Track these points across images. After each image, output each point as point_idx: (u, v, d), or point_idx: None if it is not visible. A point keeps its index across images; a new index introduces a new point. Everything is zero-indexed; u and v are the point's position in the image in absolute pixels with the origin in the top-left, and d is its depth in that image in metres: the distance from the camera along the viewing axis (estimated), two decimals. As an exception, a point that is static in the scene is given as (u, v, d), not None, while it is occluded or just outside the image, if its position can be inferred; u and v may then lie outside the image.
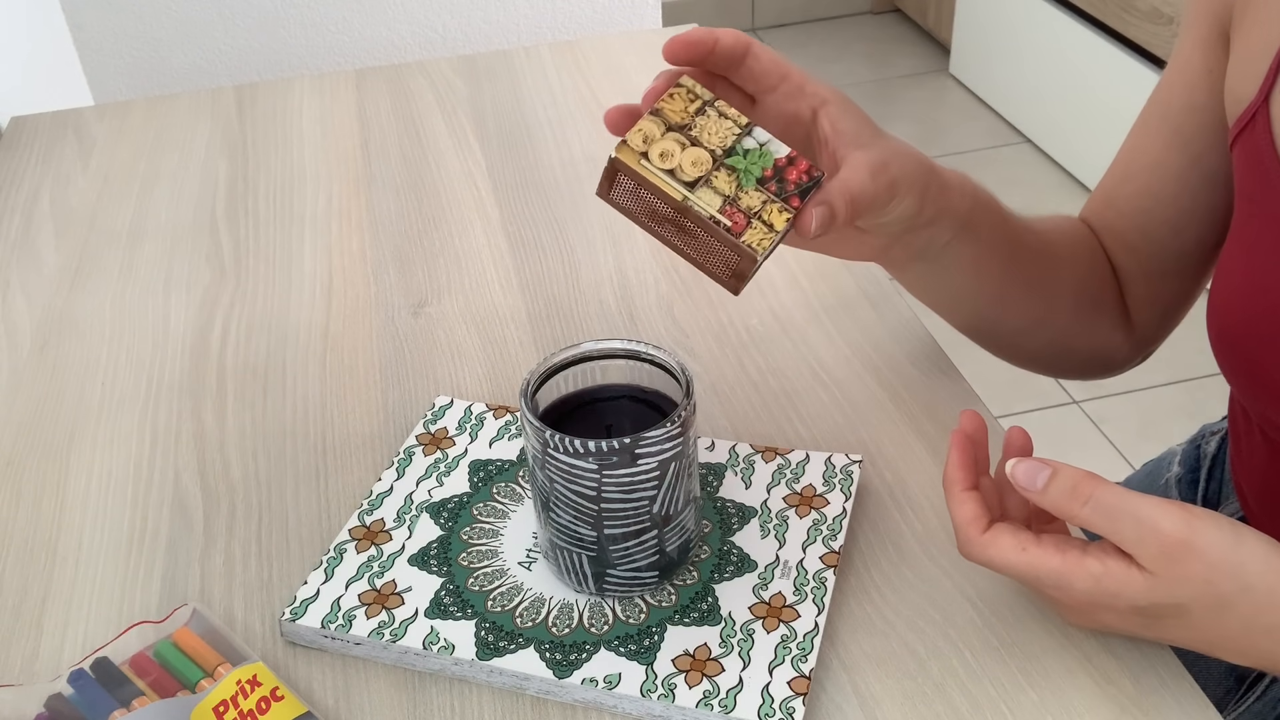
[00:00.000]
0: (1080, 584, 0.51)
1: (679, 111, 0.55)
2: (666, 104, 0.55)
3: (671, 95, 0.56)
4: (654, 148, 0.54)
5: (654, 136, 0.54)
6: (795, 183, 0.57)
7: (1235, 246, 0.68)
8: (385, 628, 0.58)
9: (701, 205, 0.54)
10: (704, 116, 0.55)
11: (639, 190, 0.54)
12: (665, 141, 0.54)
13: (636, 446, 0.54)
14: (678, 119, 0.55)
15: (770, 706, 0.54)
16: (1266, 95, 0.65)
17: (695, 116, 0.55)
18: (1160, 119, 0.76)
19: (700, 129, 0.55)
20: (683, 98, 0.55)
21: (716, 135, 0.55)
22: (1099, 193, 0.82)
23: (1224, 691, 0.75)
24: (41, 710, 0.56)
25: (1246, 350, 0.66)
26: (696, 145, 0.54)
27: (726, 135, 0.55)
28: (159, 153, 1.07)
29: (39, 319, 0.86)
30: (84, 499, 0.70)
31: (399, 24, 1.51)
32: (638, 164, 0.53)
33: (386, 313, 0.84)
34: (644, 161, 0.53)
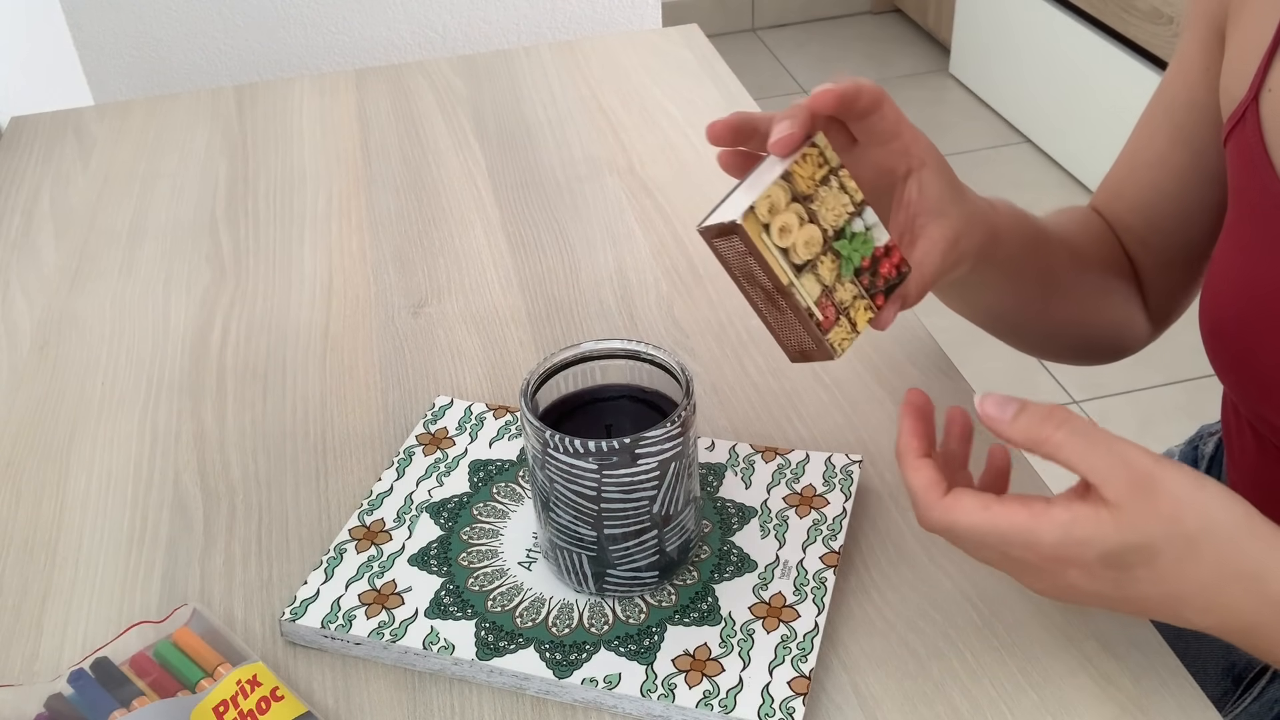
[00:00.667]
0: (1049, 535, 0.49)
1: (807, 178, 0.54)
2: (798, 168, 0.54)
3: (804, 157, 0.54)
4: (776, 220, 0.53)
5: (780, 207, 0.53)
6: (885, 278, 0.57)
7: (1226, 243, 0.69)
8: (385, 628, 0.58)
9: (803, 295, 0.54)
10: (827, 187, 0.54)
11: (747, 255, 0.54)
12: (787, 214, 0.53)
13: (636, 446, 0.54)
14: (804, 187, 0.54)
15: (770, 706, 0.54)
16: (1256, 93, 0.66)
17: (820, 186, 0.54)
18: (1163, 116, 0.77)
19: (820, 202, 0.54)
20: (814, 161, 0.54)
21: (832, 212, 0.54)
22: (1107, 185, 0.82)
23: (1221, 693, 0.75)
24: (41, 710, 0.56)
25: (1238, 345, 0.67)
26: (813, 222, 0.54)
27: (841, 213, 0.55)
28: (159, 153, 1.07)
29: (39, 319, 0.86)
30: (84, 499, 0.70)
31: (399, 24, 1.51)
32: (758, 237, 0.52)
33: (386, 313, 0.84)
34: (764, 235, 0.52)
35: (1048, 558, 0.50)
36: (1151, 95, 0.80)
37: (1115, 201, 0.81)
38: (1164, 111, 0.77)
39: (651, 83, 1.14)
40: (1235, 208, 0.69)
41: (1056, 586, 0.52)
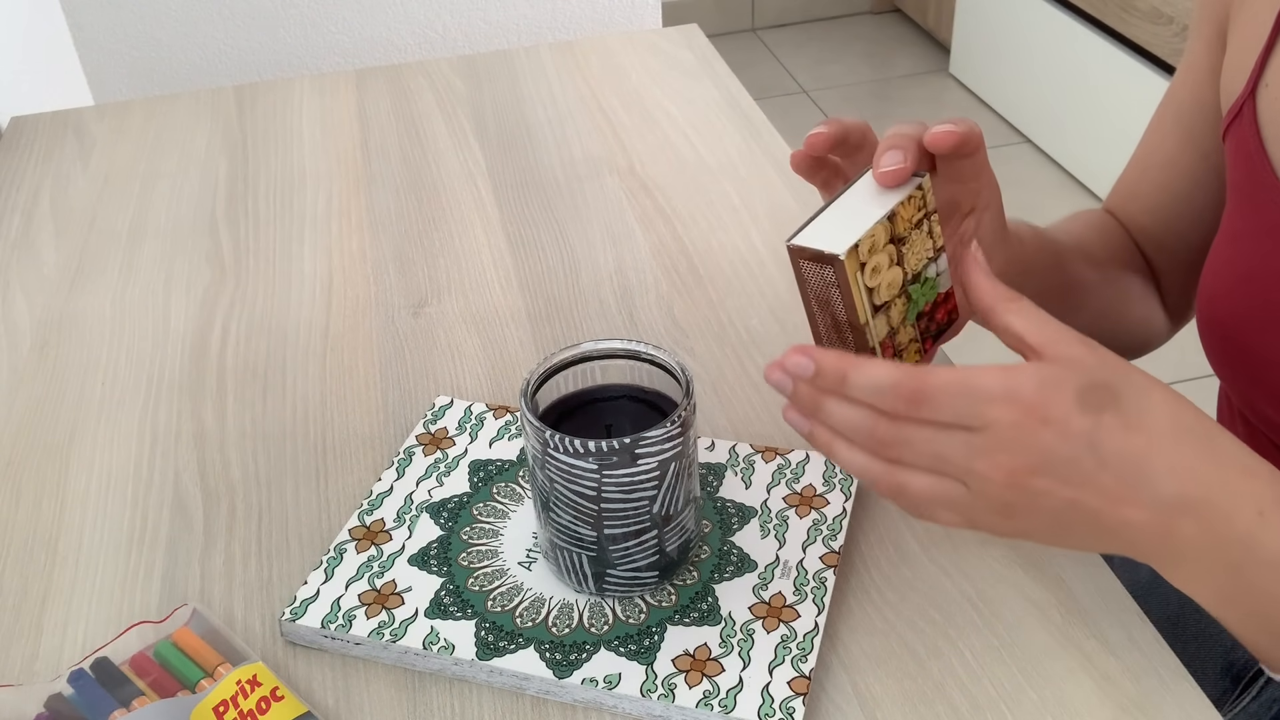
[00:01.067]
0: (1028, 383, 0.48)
1: (907, 220, 0.54)
2: (903, 209, 0.54)
3: (909, 199, 0.54)
4: (872, 260, 0.52)
5: (878, 247, 0.53)
6: (938, 323, 0.58)
7: (1223, 235, 0.70)
8: (385, 628, 0.58)
9: (873, 335, 0.54)
10: (919, 230, 0.54)
11: (834, 286, 0.53)
12: (882, 255, 0.53)
13: (636, 446, 0.54)
14: (901, 229, 0.54)
15: (770, 706, 0.54)
16: (1253, 88, 0.67)
17: (914, 229, 0.54)
18: (1173, 118, 0.78)
19: (910, 245, 0.54)
20: (916, 204, 0.54)
21: (916, 257, 0.54)
22: (1120, 188, 0.83)
23: (1220, 692, 0.75)
24: (41, 710, 0.56)
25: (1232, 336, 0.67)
26: (899, 265, 0.53)
27: (922, 258, 0.55)
28: (159, 153, 1.07)
29: (39, 319, 0.86)
30: (84, 499, 0.70)
31: (399, 24, 1.51)
32: (854, 274, 0.52)
33: (386, 313, 0.84)
34: (859, 274, 0.52)
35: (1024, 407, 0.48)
36: (1161, 98, 0.80)
37: (1129, 204, 0.82)
38: (1173, 114, 0.78)
39: (651, 83, 1.14)
40: (1232, 201, 0.69)
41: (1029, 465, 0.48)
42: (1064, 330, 0.51)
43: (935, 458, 0.49)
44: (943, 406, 0.48)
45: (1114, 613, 0.59)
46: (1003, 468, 0.48)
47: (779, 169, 0.99)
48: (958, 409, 0.48)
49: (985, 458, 0.48)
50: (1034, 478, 0.48)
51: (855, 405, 0.50)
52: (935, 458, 0.49)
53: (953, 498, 0.50)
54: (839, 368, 0.49)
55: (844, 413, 0.51)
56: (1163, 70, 2.32)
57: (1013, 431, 0.48)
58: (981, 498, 0.49)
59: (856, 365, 0.49)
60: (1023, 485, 0.48)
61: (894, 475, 0.50)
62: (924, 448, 0.49)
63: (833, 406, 0.51)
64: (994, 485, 0.49)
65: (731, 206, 0.94)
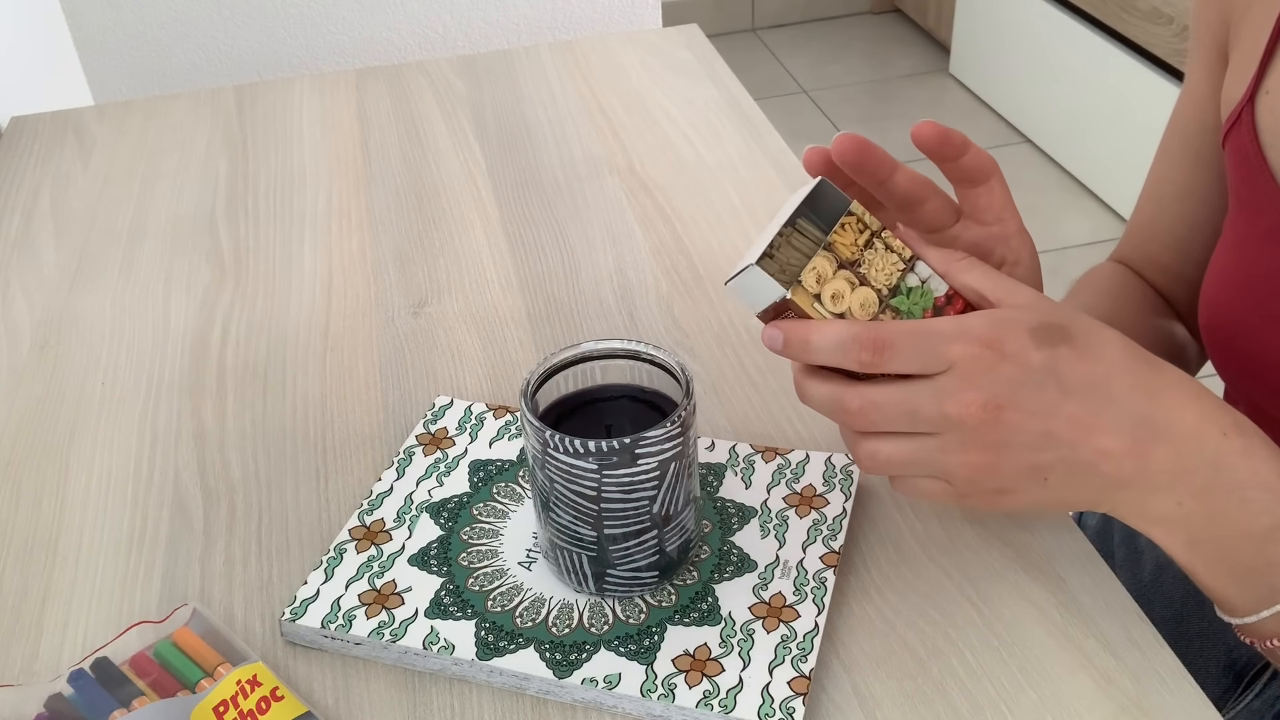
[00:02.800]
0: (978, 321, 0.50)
1: (849, 245, 0.54)
2: (838, 237, 0.54)
3: (843, 226, 0.54)
4: (826, 289, 0.53)
5: (827, 276, 0.53)
6: None
7: (1224, 243, 0.70)
8: (385, 628, 0.58)
9: None
10: (872, 250, 0.54)
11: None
12: (837, 281, 0.53)
13: (636, 446, 0.54)
14: (848, 254, 0.54)
15: (770, 706, 0.54)
16: (1252, 95, 0.67)
17: (864, 250, 0.54)
18: (1181, 145, 0.78)
19: (869, 264, 0.54)
20: (853, 228, 0.54)
21: (883, 272, 0.54)
22: (1136, 230, 0.83)
23: (1222, 690, 0.75)
24: (41, 710, 0.56)
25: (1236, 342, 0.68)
26: (865, 284, 0.53)
27: (892, 272, 0.54)
28: (159, 153, 1.07)
29: (39, 319, 0.86)
30: (84, 499, 0.70)
31: (399, 24, 1.51)
32: (810, 307, 0.52)
33: (386, 313, 0.84)
34: (817, 305, 0.52)
35: (981, 341, 0.50)
36: (1164, 129, 0.80)
37: (1148, 244, 0.82)
38: (1181, 141, 0.78)
39: (651, 83, 1.14)
40: (1231, 206, 0.70)
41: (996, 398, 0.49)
42: (1017, 284, 0.53)
43: (907, 415, 0.51)
44: (904, 350, 0.50)
45: (1114, 613, 0.59)
46: (972, 404, 0.49)
47: (779, 169, 0.99)
48: (919, 352, 0.50)
49: (953, 398, 0.50)
50: (1003, 411, 0.49)
51: (826, 380, 0.52)
52: (907, 415, 0.51)
53: (930, 457, 0.51)
54: (802, 334, 0.51)
55: (816, 390, 0.53)
56: (1162, 70, 2.32)
57: (974, 366, 0.50)
58: (958, 451, 0.51)
59: (816, 327, 0.51)
60: (993, 421, 0.50)
61: (868, 442, 0.52)
62: (894, 406, 0.51)
63: (809, 387, 0.53)
64: (966, 427, 0.50)
65: (731, 206, 0.94)
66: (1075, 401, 0.50)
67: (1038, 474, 0.51)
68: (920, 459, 0.52)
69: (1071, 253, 2.47)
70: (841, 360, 0.51)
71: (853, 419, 0.52)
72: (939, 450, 0.51)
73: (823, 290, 0.53)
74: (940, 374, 0.50)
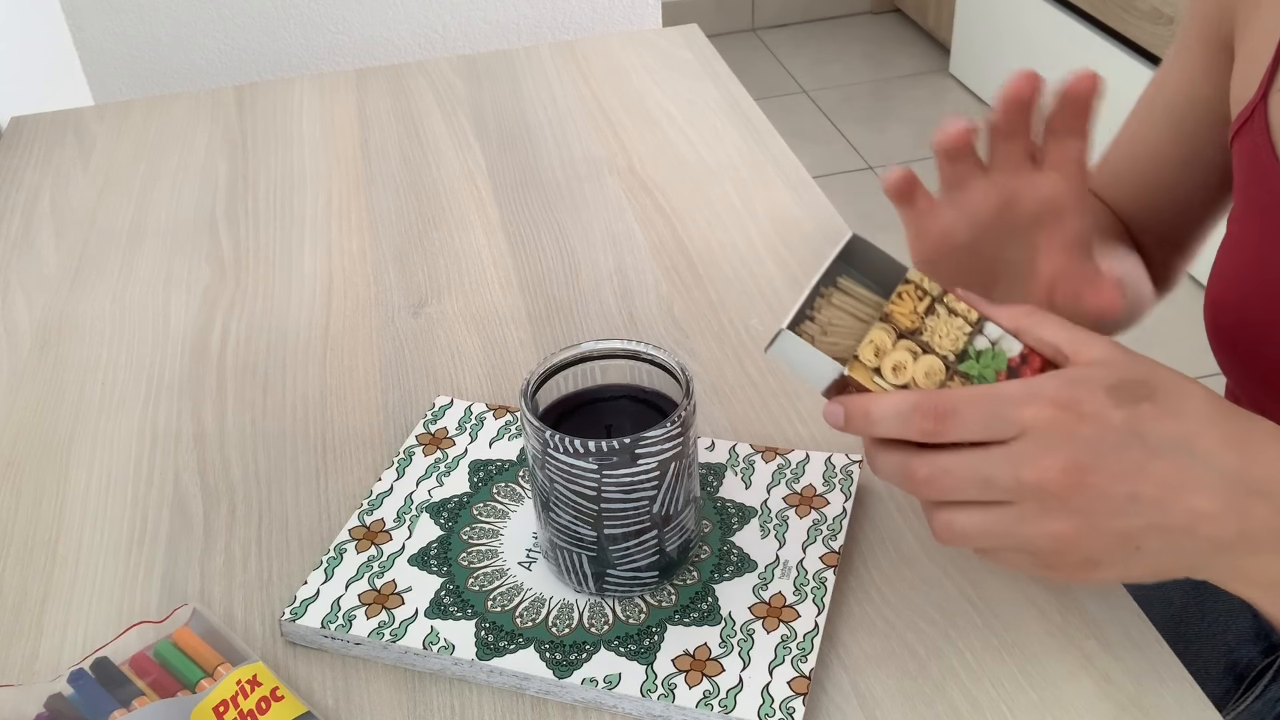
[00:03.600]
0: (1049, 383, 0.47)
1: (908, 314, 0.51)
2: (895, 307, 0.51)
3: (900, 295, 0.52)
4: (886, 361, 0.50)
5: (886, 348, 0.50)
6: None
7: (1231, 241, 0.69)
8: (385, 628, 0.58)
9: None
10: (934, 316, 0.51)
11: None
12: (898, 353, 0.50)
13: (636, 446, 0.54)
14: (908, 323, 0.51)
15: (770, 706, 0.54)
16: (1264, 94, 0.67)
17: (925, 317, 0.51)
18: (1163, 112, 0.78)
19: (931, 332, 0.51)
20: (911, 296, 0.52)
21: (948, 338, 0.51)
22: (1106, 171, 0.84)
23: (1223, 691, 0.75)
24: (41, 710, 0.56)
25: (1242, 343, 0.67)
26: (929, 353, 0.51)
27: (958, 336, 0.51)
28: (159, 153, 1.07)
29: (39, 319, 0.86)
30: (84, 499, 0.70)
31: (399, 24, 1.51)
32: (871, 381, 0.50)
33: (386, 313, 0.84)
34: (877, 379, 0.50)
35: (1056, 403, 0.47)
36: (1146, 89, 0.81)
37: (1114, 189, 0.83)
38: (1164, 108, 0.78)
39: (651, 83, 1.14)
40: (1239, 205, 0.69)
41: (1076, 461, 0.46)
42: (1092, 335, 0.50)
43: (981, 482, 0.47)
44: (969, 417, 0.47)
45: (1114, 613, 0.59)
46: (1050, 469, 0.46)
47: (779, 169, 0.99)
48: (986, 419, 0.47)
49: (1029, 463, 0.46)
50: (1084, 475, 0.46)
51: (894, 450, 0.49)
52: (981, 482, 0.47)
53: (1010, 528, 0.48)
54: (862, 407, 0.49)
55: (885, 460, 0.50)
56: (1163, 70, 2.32)
57: (1050, 429, 0.46)
58: (1039, 520, 0.47)
59: (876, 399, 0.48)
60: (1075, 485, 0.46)
61: (944, 512, 0.49)
62: (966, 474, 0.47)
63: (879, 458, 0.50)
64: (1046, 494, 0.46)
65: (731, 206, 0.94)
66: (1162, 461, 0.46)
67: (1128, 542, 0.47)
68: (999, 530, 0.48)
69: (1071, 253, 2.46)
70: (903, 431, 0.48)
71: (922, 488, 0.48)
72: (1018, 520, 0.47)
73: (882, 363, 0.50)
74: (1014, 439, 0.47)
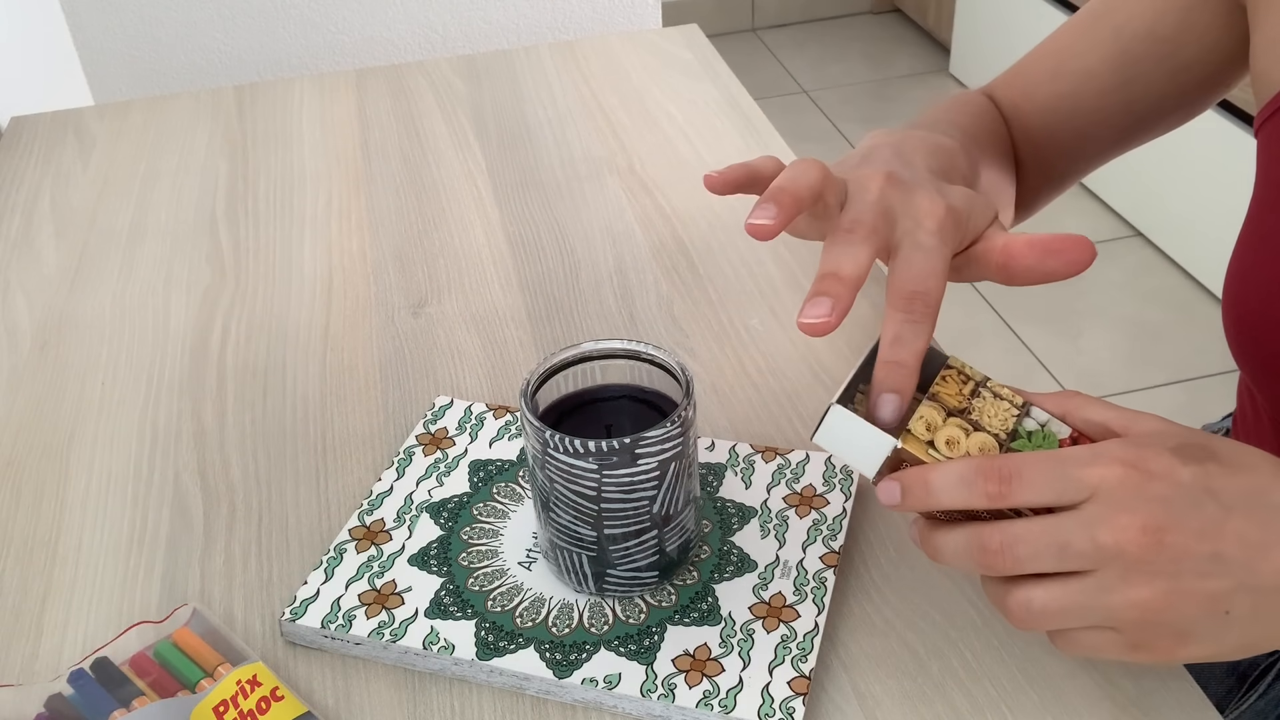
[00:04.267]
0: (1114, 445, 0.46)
1: (954, 395, 0.51)
2: (941, 388, 0.51)
3: (944, 379, 0.52)
4: (939, 435, 0.49)
5: (937, 424, 0.50)
6: None
7: (1251, 233, 0.67)
8: (385, 628, 0.58)
9: None
10: (979, 399, 0.51)
11: None
12: (949, 428, 0.50)
13: (636, 446, 0.54)
14: (955, 403, 0.51)
15: (770, 706, 0.54)
16: None
17: (971, 399, 0.51)
18: (1110, 34, 0.75)
19: (979, 412, 0.51)
20: (955, 380, 0.52)
21: (997, 418, 0.51)
22: (1019, 82, 0.80)
23: (1225, 691, 0.75)
24: (41, 710, 0.56)
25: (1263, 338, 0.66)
26: (980, 430, 0.50)
27: (1006, 418, 0.51)
28: (159, 153, 1.07)
29: (39, 319, 0.86)
30: (84, 499, 0.70)
31: (399, 24, 1.51)
32: (926, 454, 0.49)
33: (386, 313, 0.84)
34: (931, 451, 0.49)
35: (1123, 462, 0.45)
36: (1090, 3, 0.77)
37: (1024, 101, 0.80)
38: (1111, 30, 0.75)
39: (651, 83, 1.14)
40: (1262, 197, 0.67)
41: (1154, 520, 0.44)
42: (1140, 412, 0.50)
43: (1056, 549, 0.45)
44: (1036, 478, 0.46)
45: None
46: (1128, 529, 0.44)
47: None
48: (1053, 479, 0.46)
49: (1105, 524, 0.45)
50: (1165, 534, 0.44)
51: (958, 528, 0.48)
52: (1056, 549, 0.45)
53: (1091, 600, 0.46)
54: (921, 477, 0.48)
55: (949, 539, 0.48)
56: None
57: (1122, 489, 0.45)
58: (1121, 587, 0.45)
59: (935, 467, 0.48)
60: (1155, 545, 0.44)
61: (1020, 590, 0.47)
62: (1040, 540, 0.46)
63: (940, 540, 0.49)
64: (1127, 557, 0.45)
65: (731, 206, 0.94)
66: (1240, 518, 0.45)
67: (1217, 608, 0.45)
68: (1081, 603, 0.46)
69: (1071, 253, 2.47)
70: (967, 496, 0.46)
71: (995, 559, 0.46)
72: (1099, 590, 0.45)
73: (935, 437, 0.49)
74: (1085, 502, 0.45)
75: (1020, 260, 0.55)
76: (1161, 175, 2.38)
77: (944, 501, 0.47)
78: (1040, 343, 2.25)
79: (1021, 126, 0.80)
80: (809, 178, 0.54)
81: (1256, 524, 0.45)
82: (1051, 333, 2.27)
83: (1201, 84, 0.75)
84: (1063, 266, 0.54)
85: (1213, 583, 0.45)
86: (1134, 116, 0.77)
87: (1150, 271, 2.40)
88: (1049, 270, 0.55)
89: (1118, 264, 2.44)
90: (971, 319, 2.29)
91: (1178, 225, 2.38)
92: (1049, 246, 0.54)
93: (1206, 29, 0.72)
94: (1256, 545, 0.45)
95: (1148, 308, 2.28)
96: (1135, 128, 0.78)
